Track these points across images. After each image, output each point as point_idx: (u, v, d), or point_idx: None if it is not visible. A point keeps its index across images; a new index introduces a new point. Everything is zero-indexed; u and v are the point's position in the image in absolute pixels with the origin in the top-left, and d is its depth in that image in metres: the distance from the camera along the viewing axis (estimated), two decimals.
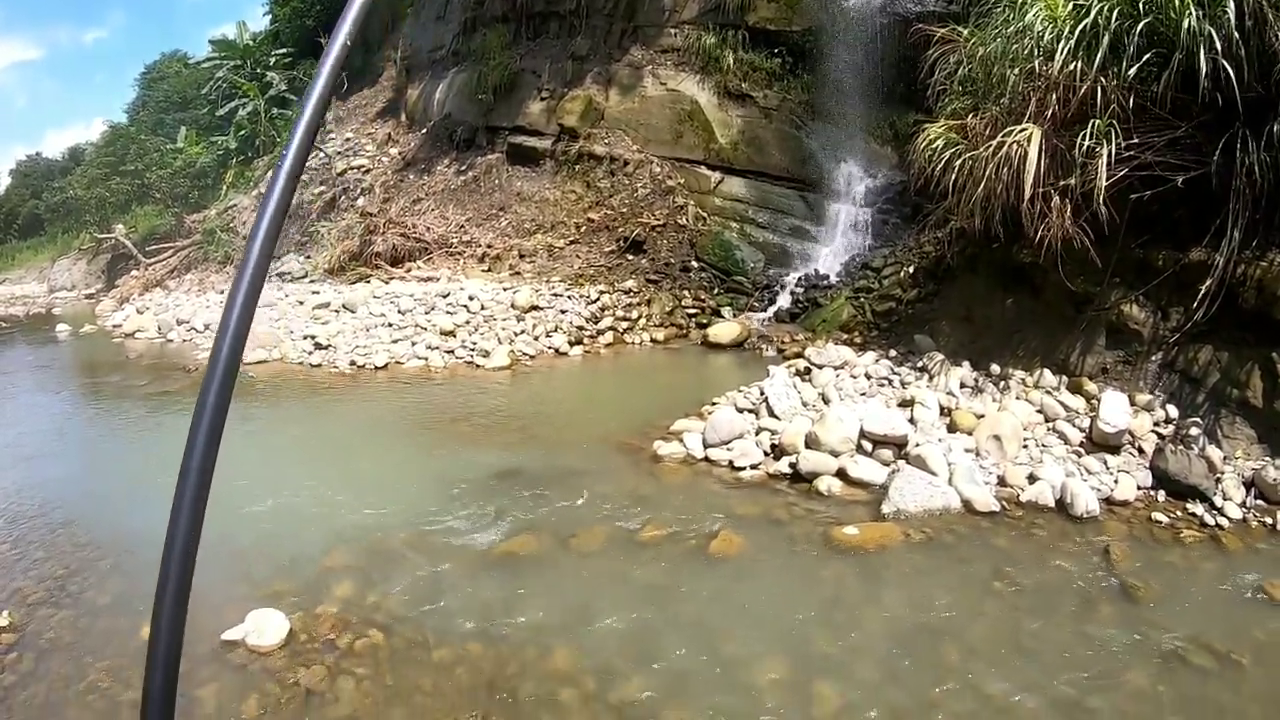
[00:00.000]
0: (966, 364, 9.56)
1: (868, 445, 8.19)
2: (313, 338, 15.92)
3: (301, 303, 18.49)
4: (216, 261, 26.04)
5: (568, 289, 17.35)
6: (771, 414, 9.21)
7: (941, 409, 8.76)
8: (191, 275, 26.27)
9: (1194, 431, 7.46)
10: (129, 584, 6.91)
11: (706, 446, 8.87)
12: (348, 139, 28.47)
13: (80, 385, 16.64)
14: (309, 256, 23.27)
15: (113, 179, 33.25)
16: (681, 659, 5.52)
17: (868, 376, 10.06)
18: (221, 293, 22.33)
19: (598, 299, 16.79)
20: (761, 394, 9.68)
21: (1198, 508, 6.91)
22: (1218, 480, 7.06)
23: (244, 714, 5.21)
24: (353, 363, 14.74)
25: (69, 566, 7.28)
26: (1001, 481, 7.60)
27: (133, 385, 14.92)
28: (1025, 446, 7.98)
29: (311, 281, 21.35)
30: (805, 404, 9.45)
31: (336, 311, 17.42)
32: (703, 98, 19.43)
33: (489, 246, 20.15)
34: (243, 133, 32.69)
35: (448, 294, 17.21)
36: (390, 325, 16.13)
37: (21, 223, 55.25)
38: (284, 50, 35.11)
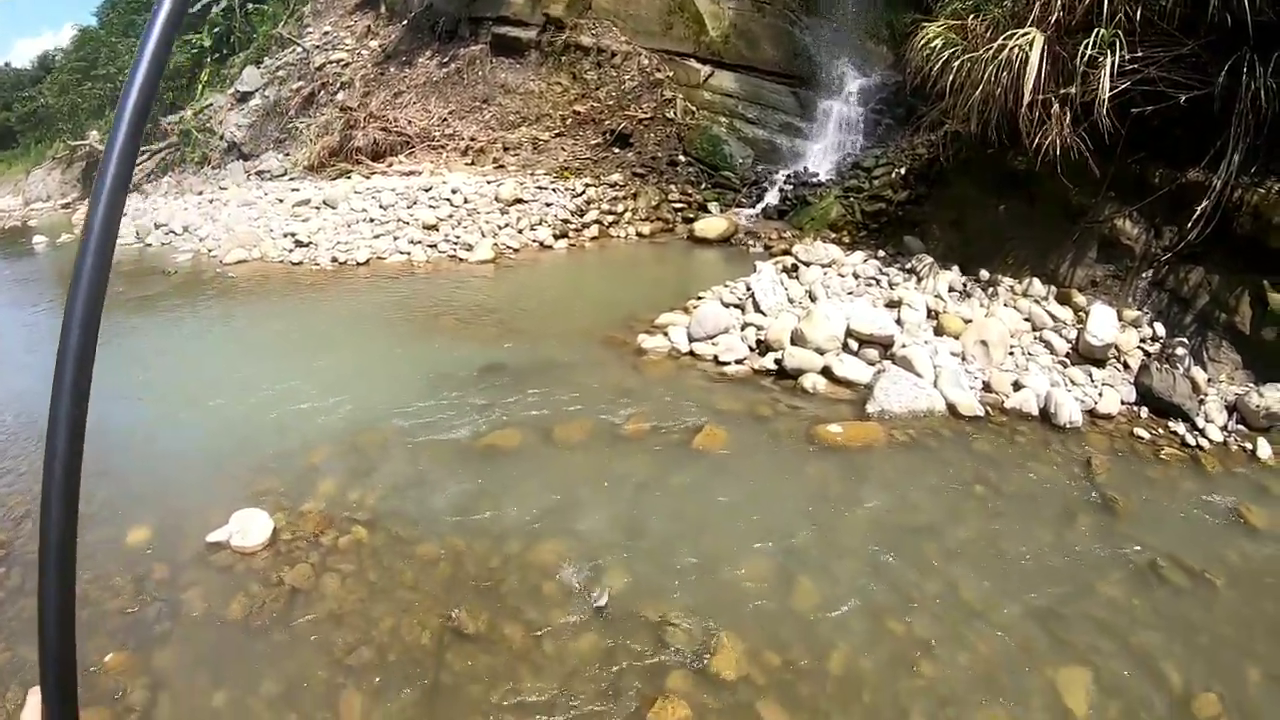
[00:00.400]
0: (956, 268, 9.48)
1: (854, 344, 8.14)
2: (293, 235, 15.79)
3: (281, 200, 18.25)
4: (194, 163, 25.45)
5: (552, 182, 17.09)
6: (758, 310, 9.13)
7: (929, 311, 8.69)
8: (169, 178, 25.64)
9: (1180, 351, 7.42)
10: (112, 490, 6.82)
11: (691, 340, 8.82)
12: (325, 32, 27.53)
13: (59, 297, 16.30)
14: (288, 154, 22.82)
15: (85, 84, 32.50)
16: (663, 553, 5.56)
17: (855, 276, 9.96)
18: (200, 194, 21.96)
19: (583, 192, 16.56)
20: (748, 289, 9.57)
21: (1179, 427, 6.92)
22: (1201, 402, 7.06)
23: (229, 616, 5.22)
24: (334, 259, 14.62)
25: None
26: (986, 387, 7.58)
27: (111, 292, 14.44)
28: (1011, 354, 7.94)
29: (291, 179, 21.01)
30: (792, 301, 9.36)
31: (317, 208, 17.19)
32: None
33: (472, 139, 19.79)
34: (216, 30, 31.52)
35: (430, 188, 16.97)
36: (372, 221, 15.95)
37: None
38: None
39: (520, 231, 15.15)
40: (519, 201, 16.11)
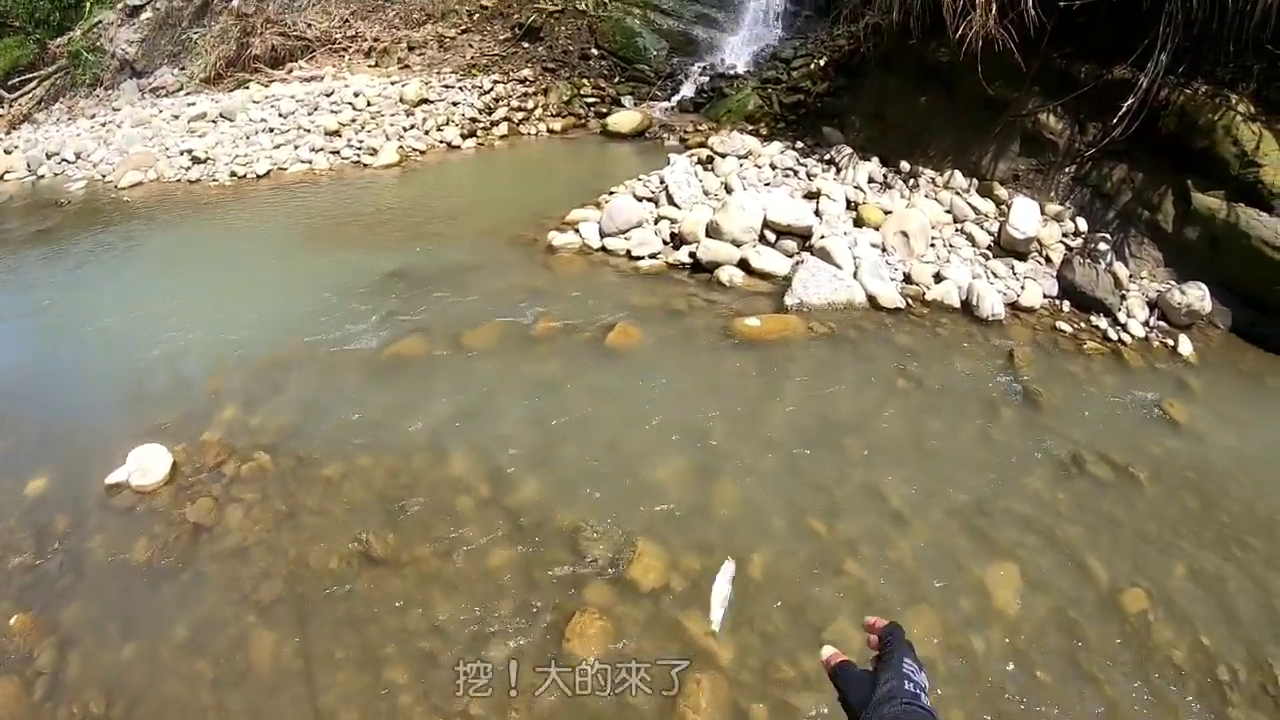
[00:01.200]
0: (876, 160, 9.20)
1: (771, 235, 7.89)
2: (190, 152, 14.99)
3: (176, 117, 17.42)
4: (85, 86, 24.11)
5: (459, 80, 16.48)
6: (672, 202, 8.78)
7: (848, 203, 8.44)
8: (60, 104, 24.25)
9: (1102, 246, 7.34)
10: (7, 440, 6.49)
11: (603, 236, 8.49)
12: None
13: None
14: (183, 68, 21.68)
15: None
16: (578, 458, 5.40)
17: (773, 167, 9.63)
18: (93, 118, 20.86)
19: (491, 89, 15.99)
20: (661, 182, 9.22)
21: (1101, 321, 6.86)
22: (1123, 297, 7.00)
23: (134, 560, 5.02)
24: (233, 173, 13.92)
25: None
26: (907, 279, 7.40)
27: (6, 230, 13.94)
28: (933, 245, 7.75)
29: (187, 94, 20.00)
30: (707, 193, 9.02)
31: (214, 122, 16.44)
32: None
33: (375, 40, 18.99)
34: None
35: (332, 93, 16.32)
36: (271, 130, 15.27)
37: None
38: None
39: (426, 133, 14.58)
40: (425, 102, 15.52)
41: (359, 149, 14.03)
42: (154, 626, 4.50)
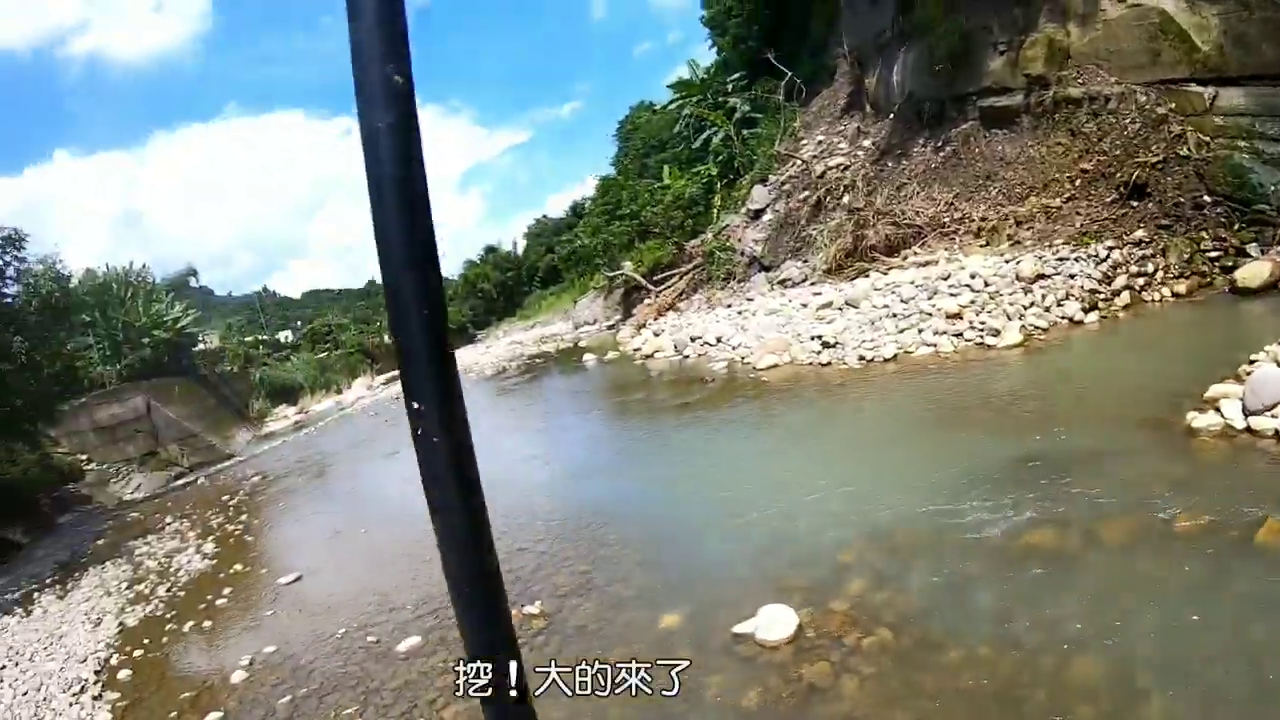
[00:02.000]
0: None
1: None
2: (819, 337, 16.95)
3: (804, 305, 19.78)
4: (719, 279, 28.51)
5: (1073, 250, 16.53)
6: None
7: None
8: (698, 295, 29.18)
9: None
10: (652, 578, 7.78)
11: (1247, 415, 7.99)
12: (819, 141, 29.85)
13: (609, 404, 19.19)
14: (805, 260, 24.74)
15: (612, 223, 37.70)
16: (1218, 677, 4.94)
17: None
18: (729, 307, 24.36)
19: (1106, 256, 15.85)
20: None
21: None
22: None
23: (745, 705, 5.69)
24: (861, 357, 15.44)
25: (596, 563, 8.42)
26: None
27: (655, 400, 16.72)
28: None
29: (811, 284, 22.66)
30: None
31: (839, 309, 18.30)
32: (1168, 3, 17.33)
33: (982, 219, 19.87)
34: (720, 158, 36.19)
35: (948, 275, 17.17)
36: (894, 315, 16.50)
37: (541, 275, 67.74)
38: (736, 75, 37.94)
39: (1047, 309, 14.83)
40: (1041, 277, 15.80)
41: (981, 330, 14.67)
42: None
